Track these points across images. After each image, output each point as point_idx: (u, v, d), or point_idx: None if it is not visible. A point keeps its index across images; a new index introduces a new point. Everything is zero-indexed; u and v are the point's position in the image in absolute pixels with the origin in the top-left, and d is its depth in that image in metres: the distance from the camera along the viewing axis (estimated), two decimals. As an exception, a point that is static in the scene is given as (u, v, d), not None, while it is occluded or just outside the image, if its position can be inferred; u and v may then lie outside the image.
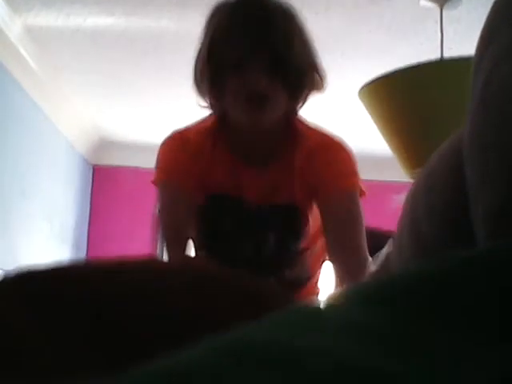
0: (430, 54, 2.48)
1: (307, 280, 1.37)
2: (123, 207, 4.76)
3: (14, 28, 2.88)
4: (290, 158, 1.27)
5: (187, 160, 1.26)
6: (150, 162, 5.43)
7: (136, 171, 4.79)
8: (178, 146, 1.28)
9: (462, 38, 2.78)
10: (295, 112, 1.28)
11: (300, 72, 1.19)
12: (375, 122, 2.25)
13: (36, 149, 3.50)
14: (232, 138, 1.28)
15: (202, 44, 1.22)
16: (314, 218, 1.30)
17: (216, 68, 1.18)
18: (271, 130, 1.25)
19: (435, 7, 2.41)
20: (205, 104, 1.27)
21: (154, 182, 1.31)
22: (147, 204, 4.86)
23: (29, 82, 3.27)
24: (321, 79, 1.26)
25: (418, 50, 2.93)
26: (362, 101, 2.25)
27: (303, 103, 1.27)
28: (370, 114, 2.25)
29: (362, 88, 2.20)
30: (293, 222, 1.26)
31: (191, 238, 1.34)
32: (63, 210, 4.10)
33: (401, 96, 2.10)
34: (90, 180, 4.78)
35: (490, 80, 0.38)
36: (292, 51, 1.16)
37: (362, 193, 1.27)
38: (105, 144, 4.67)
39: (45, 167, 3.67)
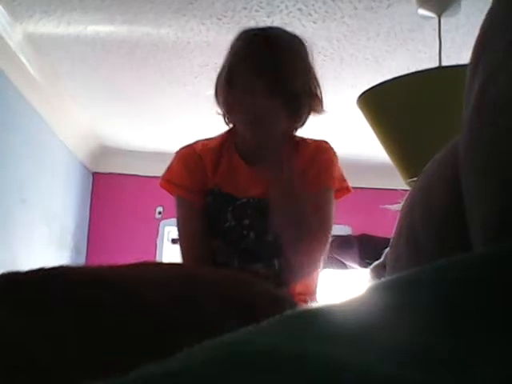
0: (428, 62, 2.50)
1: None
2: (123, 214, 4.76)
3: (15, 36, 2.89)
4: (290, 157, 1.45)
5: (198, 173, 1.48)
6: (149, 169, 5.40)
7: (135, 178, 4.79)
8: (192, 159, 1.50)
9: (460, 46, 2.79)
10: (295, 129, 1.49)
11: (297, 97, 1.40)
12: (373, 129, 2.25)
13: (36, 156, 3.50)
14: (239, 145, 1.51)
15: (223, 65, 1.45)
16: None
17: (230, 89, 1.42)
18: (273, 142, 1.44)
19: (433, 15, 2.42)
20: (220, 112, 1.48)
21: (165, 187, 1.52)
22: (146, 210, 4.87)
23: (29, 89, 3.28)
24: (319, 105, 1.46)
25: (416, 58, 2.95)
26: (361, 109, 2.26)
27: (303, 123, 1.48)
28: (369, 121, 2.26)
29: (361, 96, 2.21)
30: None
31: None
32: (63, 216, 4.09)
33: (399, 104, 2.11)
34: (90, 187, 4.78)
35: (485, 90, 0.38)
36: (290, 80, 1.38)
37: (347, 191, 1.50)
38: (104, 151, 4.67)
39: (45, 174, 3.67)
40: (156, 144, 4.40)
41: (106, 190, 4.80)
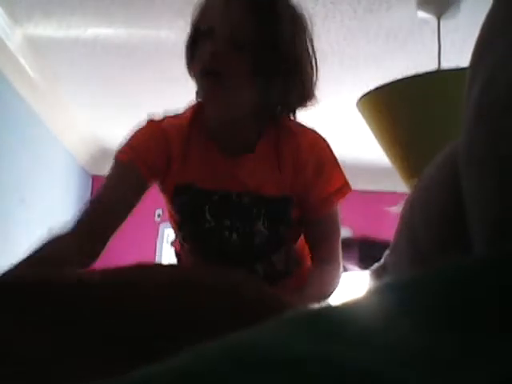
0: (427, 64, 2.49)
1: (296, 268, 1.35)
2: (122, 217, 4.76)
3: (14, 38, 2.89)
4: (274, 150, 1.22)
5: (154, 150, 1.19)
6: (149, 171, 5.27)
7: (135, 181, 4.80)
8: (150, 134, 1.22)
9: (460, 48, 2.80)
10: (279, 110, 1.21)
11: (269, 56, 1.11)
12: (373, 132, 2.26)
13: (35, 158, 3.50)
14: (207, 126, 1.22)
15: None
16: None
17: (191, 39, 1.18)
18: (241, 116, 1.18)
19: (433, 18, 2.43)
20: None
21: (115, 158, 1.23)
22: (146, 213, 4.86)
23: (28, 91, 3.28)
24: (308, 85, 1.18)
25: (415, 60, 2.95)
26: (360, 111, 2.26)
27: (289, 106, 1.21)
28: (368, 124, 2.26)
29: (360, 98, 2.21)
30: (280, 211, 1.24)
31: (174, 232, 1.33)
32: (62, 219, 4.09)
33: (399, 106, 2.11)
34: (89, 190, 4.78)
35: (486, 92, 0.38)
36: (263, 28, 1.10)
37: (347, 189, 1.26)
38: (104, 154, 4.67)
39: (44, 177, 3.67)
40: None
41: (106, 192, 4.80)
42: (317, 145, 1.23)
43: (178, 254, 1.39)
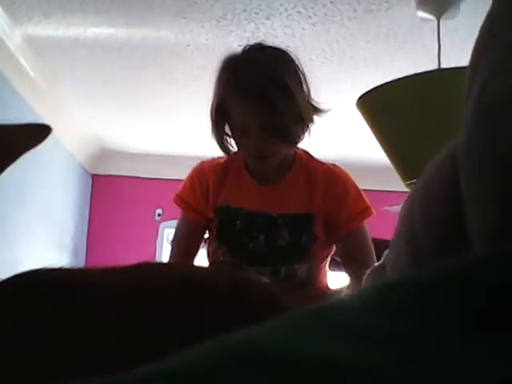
0: (427, 64, 2.49)
1: (314, 281, 1.53)
2: (122, 216, 4.76)
3: (14, 38, 2.89)
4: (304, 181, 1.50)
5: (196, 192, 1.54)
6: (148, 171, 5.39)
7: (135, 180, 4.79)
8: (195, 177, 1.56)
9: (460, 48, 2.80)
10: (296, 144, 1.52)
11: (297, 125, 1.43)
12: (373, 132, 2.26)
13: (35, 158, 3.50)
14: (246, 165, 1.55)
15: (213, 103, 1.47)
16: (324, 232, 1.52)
17: (224, 130, 1.48)
18: (275, 166, 1.50)
19: (433, 18, 2.43)
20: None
21: (175, 202, 1.59)
22: (146, 212, 4.87)
23: (28, 91, 3.28)
24: (313, 116, 1.50)
25: (415, 60, 2.95)
26: (360, 111, 2.26)
27: (303, 137, 1.51)
28: (368, 124, 2.26)
29: (360, 98, 2.21)
30: (302, 223, 1.48)
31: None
32: (62, 218, 4.09)
33: (398, 106, 2.11)
34: (89, 189, 4.78)
35: (485, 91, 0.38)
36: (285, 117, 1.39)
37: (371, 212, 1.52)
38: (104, 153, 4.67)
39: (44, 176, 3.67)
40: (155, 146, 4.40)
41: (106, 192, 4.80)
42: (344, 177, 1.53)
43: (208, 254, 1.63)
